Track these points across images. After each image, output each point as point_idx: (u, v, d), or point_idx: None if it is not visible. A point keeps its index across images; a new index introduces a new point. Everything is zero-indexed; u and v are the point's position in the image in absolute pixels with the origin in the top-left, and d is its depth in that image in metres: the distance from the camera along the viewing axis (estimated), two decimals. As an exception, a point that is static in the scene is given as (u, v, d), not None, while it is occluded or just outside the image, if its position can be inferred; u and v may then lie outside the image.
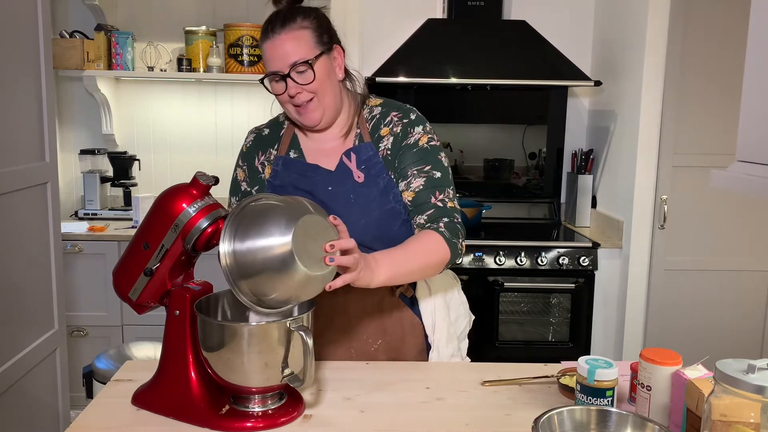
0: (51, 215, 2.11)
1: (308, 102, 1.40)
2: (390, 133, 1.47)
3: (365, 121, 1.49)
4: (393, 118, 1.48)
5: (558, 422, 1.01)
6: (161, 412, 1.19)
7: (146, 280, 1.21)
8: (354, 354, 1.49)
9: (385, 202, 1.44)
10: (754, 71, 0.99)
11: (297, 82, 1.37)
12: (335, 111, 1.45)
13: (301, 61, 1.35)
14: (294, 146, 1.50)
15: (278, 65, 1.37)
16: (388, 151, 1.46)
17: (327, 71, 1.40)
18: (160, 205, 1.19)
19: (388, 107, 1.50)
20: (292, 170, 1.48)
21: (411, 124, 1.47)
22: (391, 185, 1.45)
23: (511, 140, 3.46)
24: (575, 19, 3.39)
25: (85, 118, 3.39)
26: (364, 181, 1.44)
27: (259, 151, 1.53)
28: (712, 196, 2.84)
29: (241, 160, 1.57)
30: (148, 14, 3.34)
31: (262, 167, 1.52)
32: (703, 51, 2.77)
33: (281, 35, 1.36)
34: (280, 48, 1.36)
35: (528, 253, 2.90)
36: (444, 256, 1.36)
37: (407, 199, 1.44)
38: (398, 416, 1.21)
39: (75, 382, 2.65)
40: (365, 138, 1.47)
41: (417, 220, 1.43)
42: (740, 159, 1.00)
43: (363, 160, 1.45)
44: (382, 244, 1.42)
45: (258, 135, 1.56)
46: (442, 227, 1.38)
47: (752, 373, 0.89)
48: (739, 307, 2.93)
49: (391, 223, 1.44)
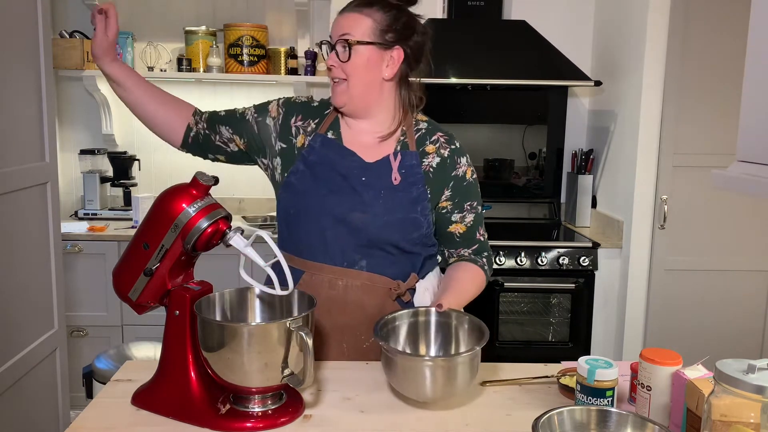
0: (51, 215, 2.11)
1: (338, 82, 1.45)
2: (436, 153, 1.51)
3: (413, 132, 1.52)
4: (440, 138, 1.53)
5: (558, 422, 1.01)
6: (161, 412, 1.19)
7: (146, 280, 1.21)
8: (346, 350, 1.50)
9: (411, 210, 1.46)
10: (755, 71, 0.99)
11: (337, 56, 1.42)
12: (363, 104, 1.47)
13: (347, 37, 1.41)
14: (334, 128, 1.52)
15: (332, 34, 1.45)
16: (431, 169, 1.50)
17: (369, 62, 1.43)
18: (160, 205, 1.19)
19: (434, 126, 1.56)
20: (330, 149, 1.49)
21: (458, 152, 1.53)
22: (423, 198, 1.48)
23: (511, 140, 3.46)
24: (575, 19, 3.39)
25: (85, 118, 3.39)
26: (399, 184, 1.47)
27: (300, 114, 1.54)
28: (712, 196, 2.84)
29: (283, 103, 1.56)
30: (148, 14, 3.34)
31: (296, 132, 1.52)
32: (703, 51, 2.77)
33: (351, 12, 1.44)
34: (342, 20, 1.44)
35: (528, 253, 2.90)
36: (483, 287, 1.54)
37: (458, 230, 1.54)
38: (398, 416, 1.21)
39: (75, 382, 2.65)
40: (411, 147, 1.50)
41: (461, 251, 1.56)
42: (740, 159, 1.00)
43: (405, 166, 1.48)
44: (393, 248, 1.47)
45: (308, 102, 1.58)
46: (484, 263, 1.55)
47: (752, 373, 0.89)
48: (739, 307, 2.93)
49: (410, 230, 1.47)
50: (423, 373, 1.18)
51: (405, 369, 1.20)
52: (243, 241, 1.19)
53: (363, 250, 1.46)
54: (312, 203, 1.46)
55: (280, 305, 1.28)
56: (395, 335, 1.35)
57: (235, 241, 1.19)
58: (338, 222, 1.44)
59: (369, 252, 1.46)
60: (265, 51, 3.22)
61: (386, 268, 1.48)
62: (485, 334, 1.26)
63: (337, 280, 1.46)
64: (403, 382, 1.22)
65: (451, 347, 1.35)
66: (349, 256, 1.46)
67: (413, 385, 1.20)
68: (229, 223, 1.21)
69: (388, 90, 1.49)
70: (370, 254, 1.46)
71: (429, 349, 1.37)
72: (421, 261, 1.54)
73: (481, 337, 1.26)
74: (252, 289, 1.28)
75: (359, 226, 1.44)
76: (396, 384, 1.24)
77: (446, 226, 1.54)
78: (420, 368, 1.19)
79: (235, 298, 1.27)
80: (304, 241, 1.48)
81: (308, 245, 1.47)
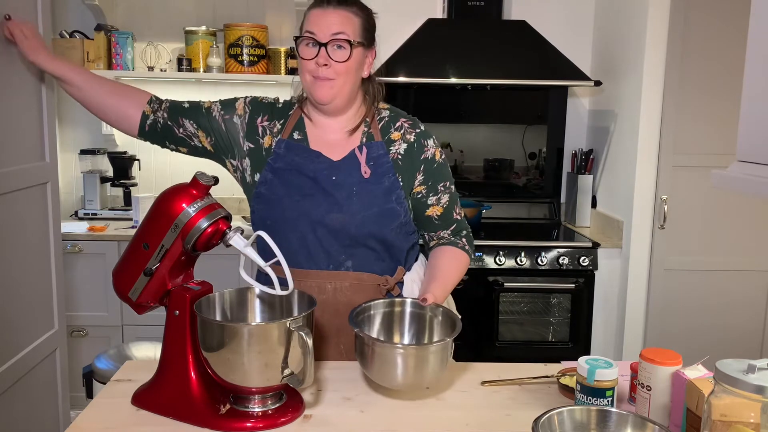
0: (51, 215, 2.11)
1: (329, 80, 1.42)
2: (402, 139, 1.51)
3: (376, 122, 1.52)
4: (403, 124, 1.52)
5: (558, 422, 1.01)
6: (161, 412, 1.19)
7: (146, 280, 1.21)
8: (343, 351, 1.50)
9: (386, 201, 1.46)
10: (755, 71, 0.99)
11: (330, 56, 1.40)
12: (347, 101, 1.47)
13: (344, 37, 1.40)
14: (299, 128, 1.51)
15: (320, 31, 1.40)
16: (399, 156, 1.49)
17: (358, 62, 1.45)
18: (160, 205, 1.19)
19: (395, 113, 1.56)
20: (294, 153, 1.48)
21: (423, 135, 1.52)
22: (396, 186, 1.47)
23: (511, 140, 3.46)
24: (575, 19, 3.39)
25: (85, 118, 3.39)
26: (369, 177, 1.46)
27: (266, 115, 1.53)
28: (712, 196, 2.84)
29: (249, 102, 1.54)
30: (148, 14, 3.34)
31: (263, 132, 1.51)
32: (703, 51, 2.77)
33: (336, 9, 1.42)
34: (329, 17, 1.41)
35: (528, 253, 2.89)
36: (466, 268, 1.56)
37: (436, 213, 1.54)
38: (398, 416, 1.21)
39: (75, 382, 2.65)
40: (376, 137, 1.50)
41: (441, 233, 1.56)
42: (740, 159, 1.00)
43: (372, 157, 1.48)
44: (376, 242, 1.46)
45: (273, 103, 1.56)
46: (465, 243, 1.56)
47: (752, 373, 0.89)
48: (739, 307, 2.93)
49: (388, 222, 1.46)
50: (395, 360, 1.21)
51: (377, 356, 1.22)
52: (243, 241, 1.19)
53: (347, 250, 1.46)
54: (287, 211, 1.45)
55: (280, 305, 1.28)
56: (370, 323, 1.37)
57: (235, 241, 1.19)
58: (317, 226, 1.44)
59: (353, 251, 1.46)
60: (265, 51, 3.22)
61: (372, 264, 1.48)
62: (457, 326, 1.29)
63: (326, 283, 1.46)
64: (376, 368, 1.24)
65: (425, 338, 1.37)
66: (334, 259, 1.46)
67: (385, 371, 1.23)
68: (229, 223, 1.21)
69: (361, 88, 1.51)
70: (354, 254, 1.46)
71: (402, 338, 1.39)
72: (405, 253, 1.55)
73: (453, 328, 1.29)
74: (252, 289, 1.28)
75: (338, 226, 1.44)
76: (368, 371, 1.26)
77: (424, 210, 1.54)
78: (392, 355, 1.21)
79: (235, 298, 1.27)
80: (286, 249, 1.45)
81: (291, 253, 1.44)
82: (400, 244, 1.52)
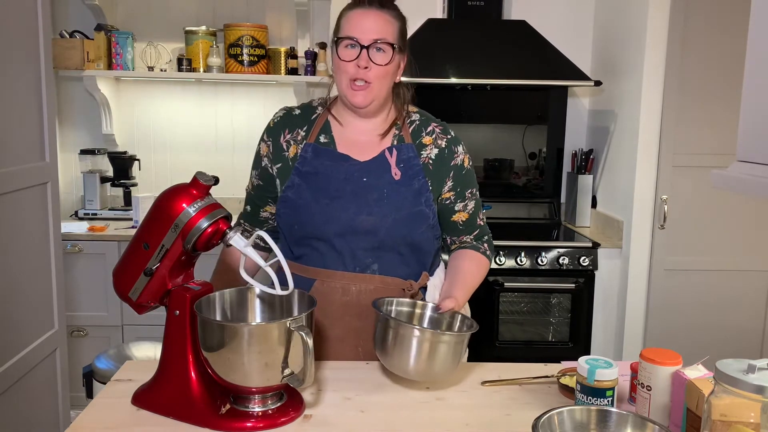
0: (51, 215, 2.11)
1: (367, 83, 1.42)
2: (433, 144, 1.52)
3: (407, 126, 1.53)
4: (435, 129, 1.54)
5: (558, 422, 1.01)
6: (161, 412, 1.19)
7: (146, 280, 1.21)
8: (361, 353, 1.49)
9: (416, 203, 1.47)
10: (754, 71, 0.99)
11: (371, 59, 1.40)
12: (381, 106, 1.49)
13: (386, 40, 1.40)
14: (325, 131, 1.51)
15: (362, 34, 1.40)
16: (430, 160, 1.51)
17: (395, 67, 1.46)
18: (160, 205, 1.19)
19: (425, 116, 1.57)
20: (323, 157, 1.48)
21: (454, 141, 1.54)
22: (425, 189, 1.48)
23: (511, 140, 3.46)
24: (575, 19, 3.39)
25: (85, 118, 3.39)
26: (400, 179, 1.46)
27: (286, 129, 1.53)
28: (712, 196, 2.84)
29: (266, 135, 1.55)
30: (148, 14, 3.34)
31: (287, 145, 1.51)
32: (703, 51, 2.77)
33: (378, 11, 1.42)
34: (370, 20, 1.41)
35: (528, 253, 2.90)
36: (486, 273, 1.59)
37: (461, 219, 1.56)
38: (398, 416, 1.21)
39: (75, 382, 2.65)
40: (406, 140, 1.51)
41: (463, 238, 1.59)
42: (740, 159, 1.00)
43: (403, 159, 1.48)
44: (403, 245, 1.47)
45: (288, 113, 1.56)
46: (486, 249, 1.60)
47: (752, 373, 0.89)
48: (739, 307, 2.93)
49: (417, 224, 1.47)
50: (410, 343, 1.24)
51: (394, 337, 1.25)
52: (243, 240, 1.19)
53: (374, 252, 1.45)
54: (316, 215, 1.44)
55: (280, 305, 1.28)
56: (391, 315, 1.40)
57: (235, 241, 1.19)
58: (346, 228, 1.43)
59: (380, 255, 1.46)
60: (265, 51, 3.22)
61: (397, 268, 1.48)
62: (474, 326, 1.32)
63: (350, 285, 1.46)
64: (390, 352, 1.27)
65: None
66: (361, 261, 1.45)
67: (398, 355, 1.25)
68: (230, 223, 1.21)
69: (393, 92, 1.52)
70: (381, 257, 1.46)
71: None
72: (431, 258, 1.55)
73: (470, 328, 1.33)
74: (252, 289, 1.28)
75: (368, 229, 1.43)
76: (382, 356, 1.29)
77: (450, 216, 1.56)
78: (408, 337, 1.24)
79: (235, 298, 1.27)
80: (314, 251, 1.47)
81: (319, 255, 1.46)
82: (426, 247, 1.52)
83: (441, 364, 1.27)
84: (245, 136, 3.44)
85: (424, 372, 1.28)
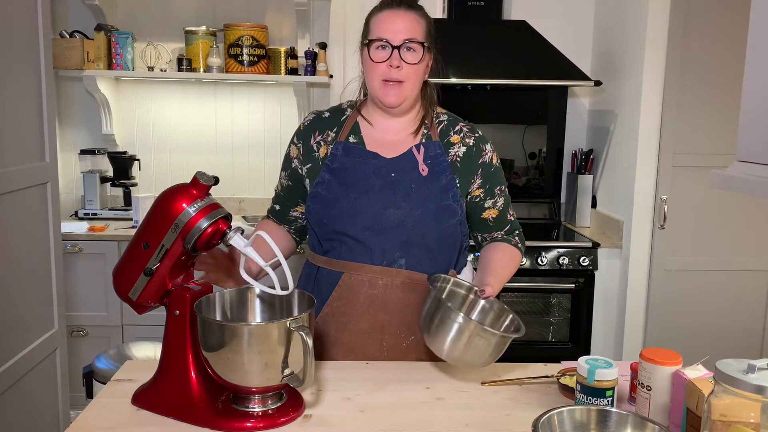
0: (51, 215, 2.11)
1: (399, 82, 1.45)
2: (461, 142, 1.55)
3: (435, 125, 1.56)
4: (462, 128, 1.58)
5: (558, 422, 1.01)
6: (161, 412, 1.19)
7: (146, 280, 1.21)
8: (386, 348, 1.50)
9: (444, 198, 1.49)
10: (754, 71, 0.99)
11: (402, 58, 1.43)
12: (411, 104, 1.52)
13: (417, 39, 1.44)
14: (354, 132, 1.54)
15: (392, 35, 1.43)
16: (458, 158, 1.53)
17: (424, 65, 1.50)
18: (160, 205, 1.19)
19: (453, 117, 1.60)
20: (352, 155, 1.51)
21: (481, 140, 1.57)
22: (452, 185, 1.50)
23: (511, 140, 3.46)
24: (575, 19, 3.39)
25: (85, 118, 3.39)
26: (427, 175, 1.49)
27: (316, 131, 1.56)
28: (712, 196, 2.84)
29: (296, 138, 1.59)
30: (148, 14, 3.34)
31: (318, 146, 1.55)
32: (704, 51, 2.77)
33: (406, 12, 1.45)
34: (400, 21, 1.44)
35: (528, 253, 2.89)
36: (518, 265, 1.63)
37: (492, 216, 1.59)
38: (398, 416, 1.21)
39: (75, 382, 2.65)
40: (434, 138, 1.54)
41: (494, 235, 1.62)
42: (740, 159, 1.00)
43: (430, 156, 1.51)
44: (432, 240, 1.48)
45: (318, 116, 1.59)
46: (518, 242, 1.63)
47: (752, 373, 0.89)
48: (739, 307, 2.93)
49: (445, 218, 1.49)
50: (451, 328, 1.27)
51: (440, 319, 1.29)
52: (243, 241, 1.19)
53: (402, 247, 1.47)
54: (345, 209, 1.46)
55: (280, 305, 1.28)
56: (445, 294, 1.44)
57: (235, 241, 1.19)
58: (374, 222, 1.45)
59: (408, 250, 1.47)
60: (265, 51, 3.22)
61: (425, 264, 1.49)
62: (521, 330, 1.34)
63: (377, 279, 1.47)
64: (432, 329, 1.30)
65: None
66: (389, 255, 1.47)
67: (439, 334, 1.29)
68: (229, 223, 1.21)
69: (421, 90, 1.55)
70: (409, 252, 1.47)
71: None
72: (457, 254, 1.56)
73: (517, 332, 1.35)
74: (252, 289, 1.28)
75: (396, 222, 1.45)
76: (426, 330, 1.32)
77: (480, 213, 1.58)
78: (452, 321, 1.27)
79: (235, 298, 1.28)
80: (342, 245, 1.48)
81: (347, 248, 1.47)
82: (454, 242, 1.53)
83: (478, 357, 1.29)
84: (245, 136, 3.45)
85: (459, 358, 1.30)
